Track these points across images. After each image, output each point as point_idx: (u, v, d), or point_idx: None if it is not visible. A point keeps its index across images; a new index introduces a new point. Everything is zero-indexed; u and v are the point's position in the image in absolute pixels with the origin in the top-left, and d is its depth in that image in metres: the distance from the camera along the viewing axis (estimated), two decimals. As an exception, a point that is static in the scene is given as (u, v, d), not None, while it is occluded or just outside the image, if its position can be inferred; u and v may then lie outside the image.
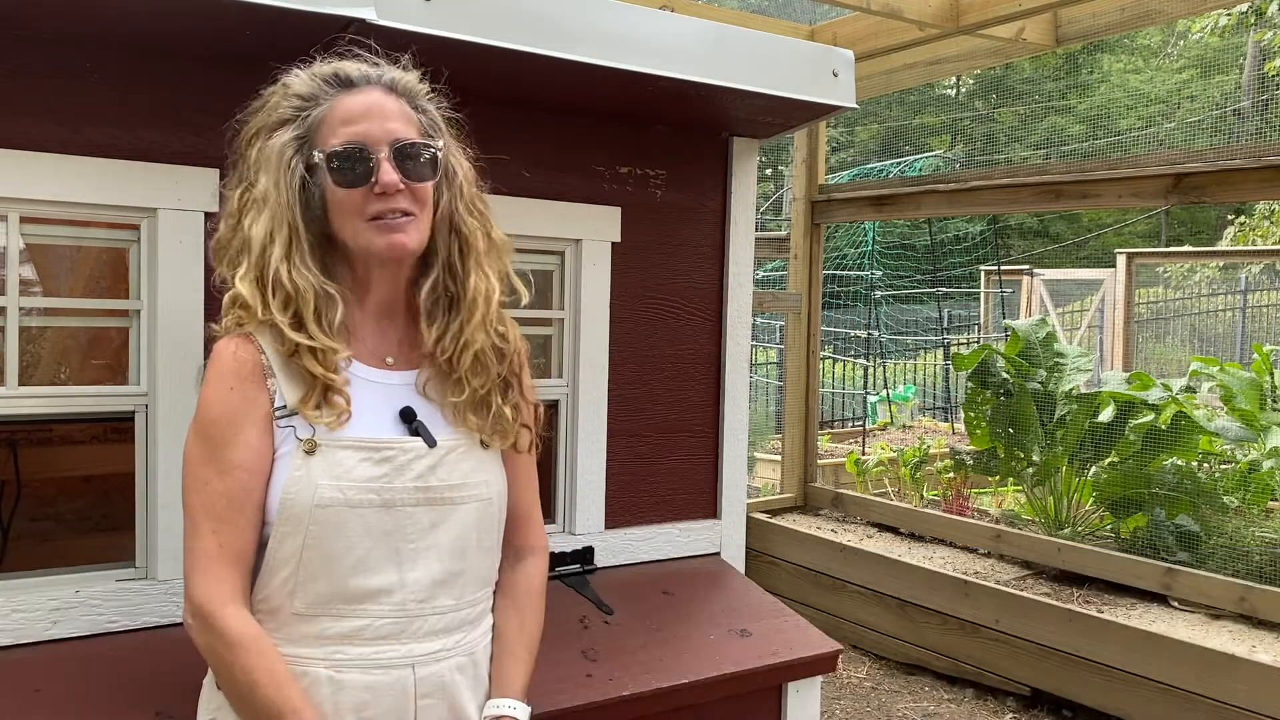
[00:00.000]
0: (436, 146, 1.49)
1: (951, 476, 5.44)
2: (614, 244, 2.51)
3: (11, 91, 1.83)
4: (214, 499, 1.40)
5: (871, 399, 9.90)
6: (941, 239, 12.16)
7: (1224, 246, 14.58)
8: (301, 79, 1.48)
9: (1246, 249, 13.16)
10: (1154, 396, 4.73)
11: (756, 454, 7.32)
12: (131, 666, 1.86)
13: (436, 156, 1.48)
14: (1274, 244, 13.69)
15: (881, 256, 10.72)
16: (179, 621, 1.89)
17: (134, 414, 1.98)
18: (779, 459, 5.87)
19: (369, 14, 1.75)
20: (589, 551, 2.53)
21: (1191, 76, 19.05)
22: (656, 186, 2.59)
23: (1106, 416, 4.85)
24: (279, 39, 1.73)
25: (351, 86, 1.47)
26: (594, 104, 2.37)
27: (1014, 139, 20.62)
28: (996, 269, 11.65)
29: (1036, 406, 4.93)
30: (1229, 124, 14.90)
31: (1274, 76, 12.83)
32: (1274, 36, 12.27)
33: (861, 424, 9.24)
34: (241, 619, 1.39)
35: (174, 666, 1.79)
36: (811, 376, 5.47)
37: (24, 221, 1.87)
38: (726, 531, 2.76)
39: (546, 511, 2.45)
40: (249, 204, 1.46)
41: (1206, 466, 5.06)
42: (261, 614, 1.44)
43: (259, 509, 1.42)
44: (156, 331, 1.96)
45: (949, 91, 24.77)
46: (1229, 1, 5.91)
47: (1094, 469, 4.90)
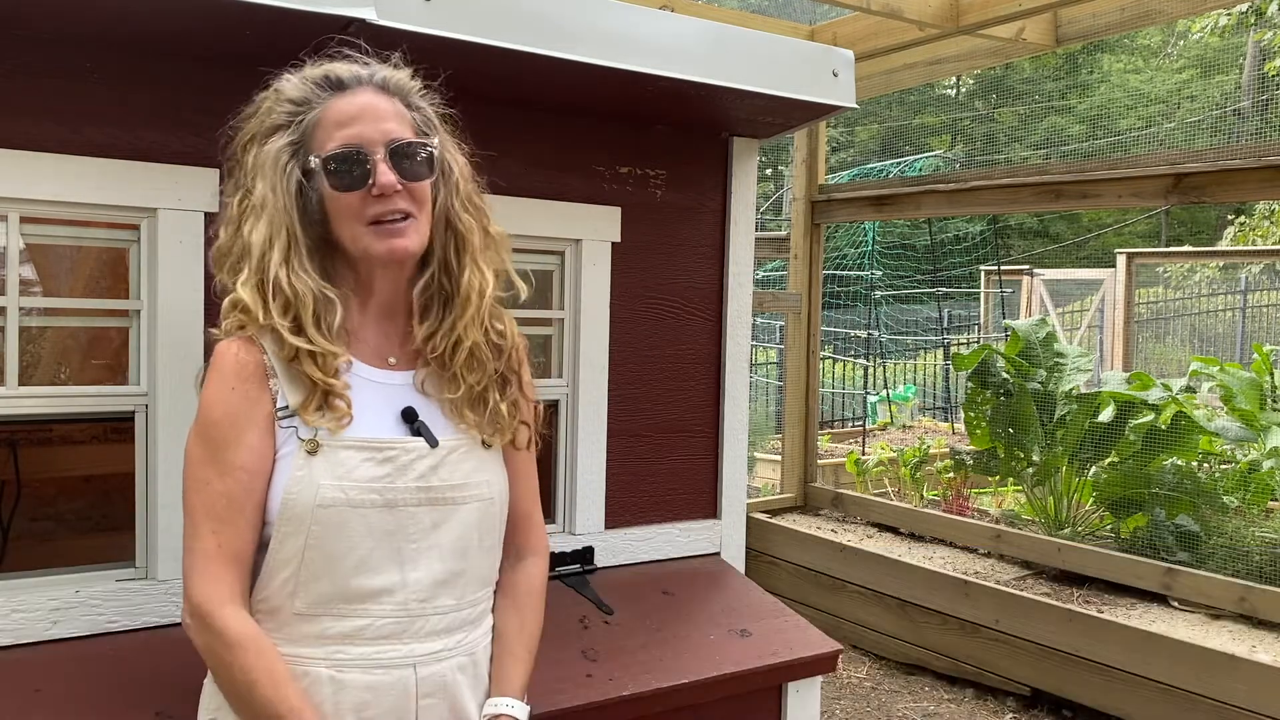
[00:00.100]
0: (432, 144, 1.49)
1: (951, 476, 5.44)
2: (614, 244, 2.52)
3: (11, 91, 1.83)
4: (214, 499, 1.40)
5: (871, 399, 9.90)
6: (941, 239, 12.16)
7: (1224, 246, 14.58)
8: (292, 83, 1.48)
9: (1246, 249, 13.16)
10: (1154, 396, 4.73)
11: (756, 454, 7.32)
12: (131, 666, 1.86)
13: (432, 154, 1.48)
14: (1274, 244, 13.69)
15: (881, 256, 10.72)
16: (179, 621, 1.88)
17: (134, 414, 1.98)
18: (779, 459, 5.87)
19: (369, 14, 1.75)
20: (589, 551, 2.53)
21: (1191, 76, 19.05)
22: (656, 186, 2.59)
23: (1106, 416, 4.85)
24: (279, 39, 1.73)
25: (343, 88, 1.46)
26: (594, 104, 2.37)
27: (1014, 139, 20.62)
28: (996, 269, 11.65)
29: (1036, 406, 4.93)
30: (1229, 124, 14.90)
31: (1274, 76, 12.83)
32: (1274, 36, 12.27)
33: (861, 424, 9.24)
34: (240, 619, 1.39)
35: (174, 666, 1.79)
36: (811, 376, 5.47)
37: (24, 221, 1.87)
38: (726, 531, 2.76)
39: (546, 511, 2.45)
40: (248, 210, 1.45)
41: (1206, 466, 5.06)
42: (262, 614, 1.44)
43: (259, 510, 1.42)
44: (156, 332, 1.96)
45: (949, 91, 24.77)
46: (1229, 1, 5.91)
47: (1094, 469, 4.89)
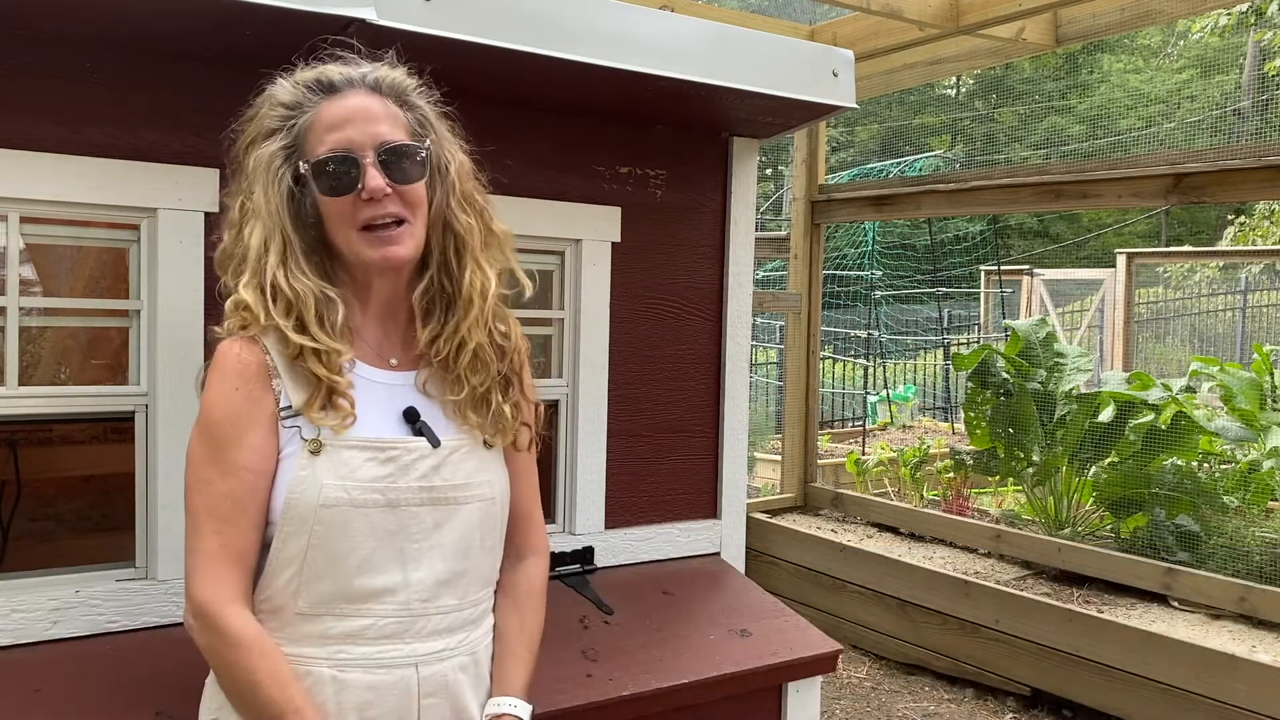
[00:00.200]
0: (424, 146, 1.47)
1: (951, 476, 5.44)
2: (614, 244, 2.51)
3: (11, 91, 1.83)
4: (217, 500, 1.40)
5: (871, 399, 9.90)
6: (941, 239, 12.16)
7: (1224, 246, 14.58)
8: (285, 87, 1.47)
9: (1246, 249, 13.16)
10: (1154, 396, 4.73)
11: (756, 454, 7.32)
12: (131, 666, 1.86)
13: (425, 156, 1.47)
14: (1274, 244, 13.69)
15: (881, 256, 10.72)
16: (179, 621, 1.89)
17: (134, 414, 1.98)
18: (779, 459, 5.87)
19: (369, 14, 1.75)
20: (589, 551, 2.53)
21: (1191, 76, 19.05)
22: (656, 186, 2.59)
23: (1106, 416, 4.85)
24: (279, 39, 1.72)
25: (334, 91, 1.46)
26: (594, 104, 2.37)
27: (1014, 139, 20.62)
28: (996, 269, 11.65)
29: (1036, 406, 4.93)
30: (1229, 124, 14.89)
31: (1274, 76, 12.83)
32: (1274, 36, 12.27)
33: (861, 424, 9.24)
34: (244, 618, 1.39)
35: (174, 666, 1.79)
36: (811, 376, 5.47)
37: (24, 221, 1.87)
38: (726, 531, 2.76)
39: (546, 511, 2.45)
40: (248, 214, 1.46)
41: (1206, 466, 5.06)
42: (264, 614, 1.44)
43: (262, 510, 1.42)
44: (156, 331, 1.96)
45: (949, 91, 24.77)
46: (1229, 1, 5.90)
47: (1094, 469, 4.89)
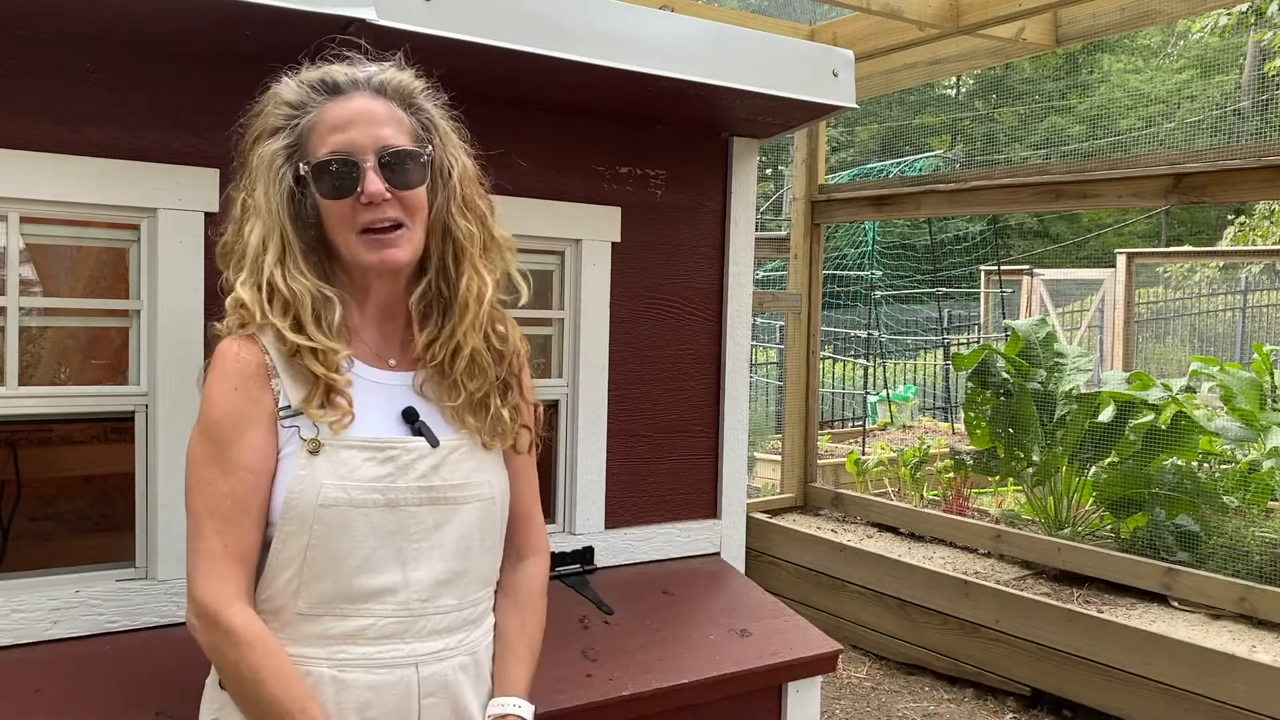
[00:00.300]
0: (425, 150, 1.47)
1: (951, 476, 5.44)
2: (614, 244, 2.51)
3: (11, 91, 1.83)
4: (218, 500, 1.40)
5: (871, 399, 9.90)
6: (941, 239, 12.16)
7: (1224, 246, 14.58)
8: (290, 86, 1.47)
9: (1246, 249, 13.16)
10: (1154, 396, 4.73)
11: (756, 454, 7.32)
12: (131, 666, 1.86)
13: (426, 161, 1.47)
14: (1274, 244, 13.69)
15: (881, 256, 10.72)
16: (179, 621, 1.89)
17: (134, 414, 1.98)
18: (779, 459, 5.87)
19: (369, 14, 1.75)
20: (589, 551, 2.53)
21: (1191, 76, 19.05)
22: (656, 186, 2.59)
23: (1106, 416, 4.85)
24: (279, 39, 1.73)
25: (338, 93, 1.46)
26: (594, 104, 2.37)
27: (1014, 139, 20.62)
28: (996, 269, 11.65)
29: (1036, 406, 4.93)
30: (1229, 124, 14.89)
31: (1274, 76, 12.83)
32: (1274, 36, 12.27)
33: (861, 424, 9.24)
34: (247, 617, 1.39)
35: (174, 666, 1.79)
36: (811, 376, 5.47)
37: (24, 221, 1.87)
38: (726, 531, 2.76)
39: (546, 511, 2.45)
40: (249, 211, 1.46)
41: (1206, 466, 5.06)
42: (265, 614, 1.44)
43: (263, 510, 1.42)
44: (156, 331, 1.96)
45: (949, 91, 24.77)
46: (1229, 1, 5.90)
47: (1094, 469, 4.89)
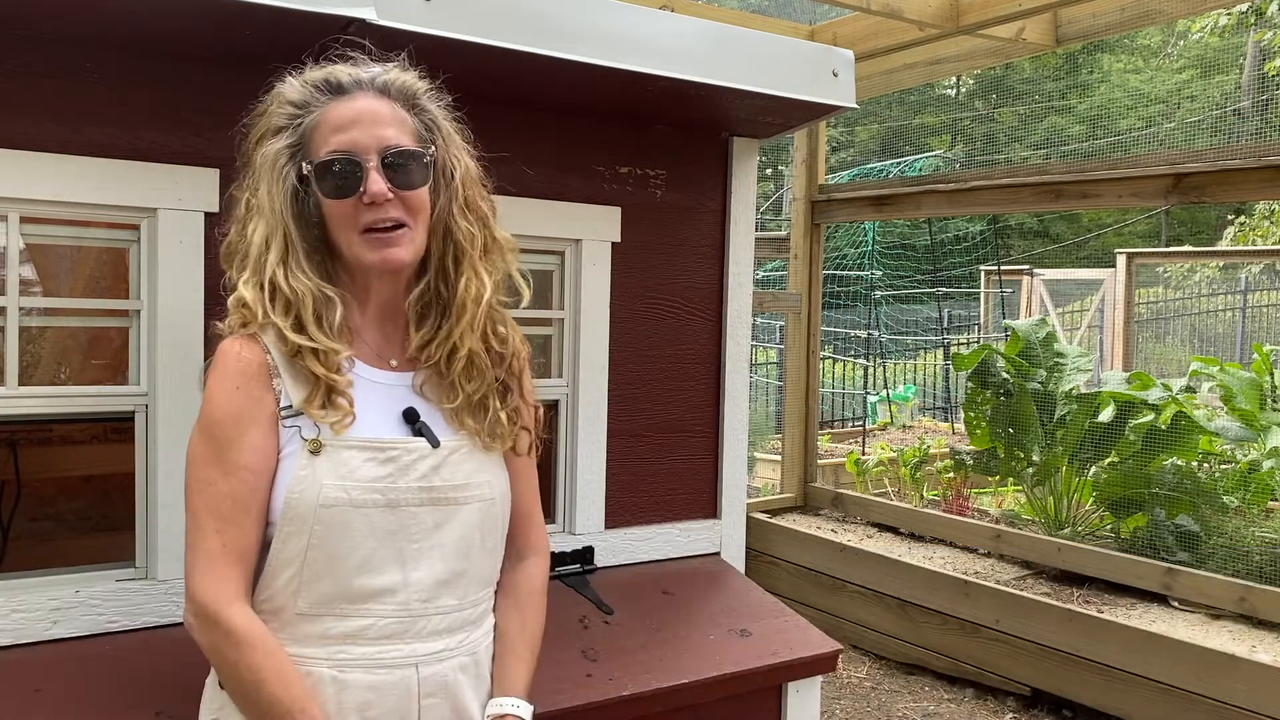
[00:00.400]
0: (428, 152, 1.47)
1: (951, 476, 5.44)
2: (614, 244, 2.51)
3: (11, 91, 1.83)
4: (219, 499, 1.40)
5: (871, 399, 9.90)
6: (941, 239, 12.16)
7: (1224, 246, 14.58)
8: (294, 86, 1.48)
9: (1246, 249, 13.16)
10: (1154, 396, 4.73)
11: (756, 454, 7.32)
12: (131, 666, 1.86)
13: (429, 161, 1.47)
14: (1274, 244, 13.69)
15: (881, 256, 10.72)
16: (179, 621, 1.89)
17: (134, 414, 1.98)
18: (779, 459, 5.87)
19: (369, 14, 1.75)
20: (589, 551, 2.53)
21: (1191, 76, 19.05)
22: (656, 186, 2.59)
23: (1106, 416, 4.85)
24: (279, 39, 1.73)
25: (342, 92, 1.46)
26: (594, 104, 2.37)
27: (1014, 139, 20.61)
28: (996, 269, 11.65)
29: (1036, 406, 4.93)
30: (1229, 124, 14.89)
31: (1274, 76, 12.83)
32: (1274, 36, 12.27)
33: (861, 424, 9.24)
34: (247, 617, 1.39)
35: (174, 666, 1.79)
36: (811, 376, 5.47)
37: (24, 221, 1.87)
38: (726, 531, 2.76)
39: (546, 511, 2.45)
40: (252, 210, 1.46)
41: (1206, 466, 5.06)
42: (265, 614, 1.44)
43: (263, 510, 1.42)
44: (156, 331, 1.96)
45: (949, 91, 24.77)
46: (1229, 1, 5.90)
47: (1094, 469, 4.89)
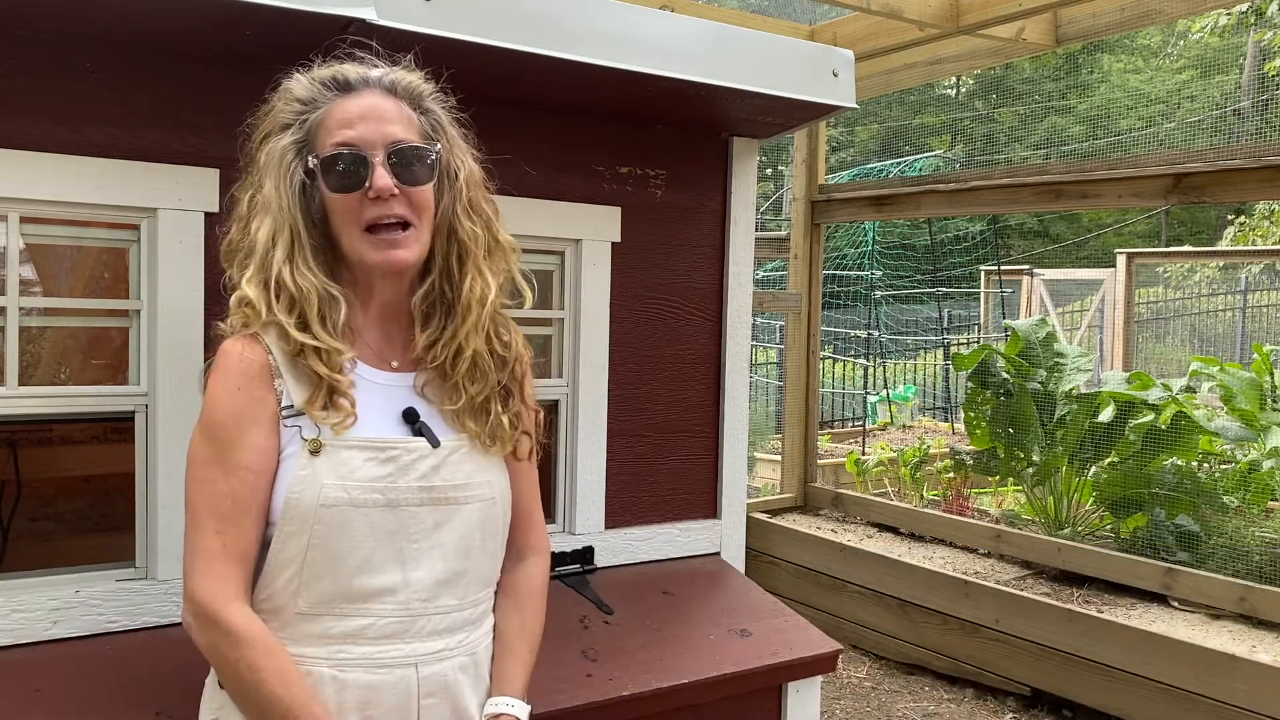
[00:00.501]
0: (435, 150, 1.48)
1: (951, 476, 5.44)
2: (614, 244, 2.51)
3: (11, 91, 1.83)
4: (219, 499, 1.40)
5: (871, 399, 9.90)
6: (941, 239, 12.17)
7: (1224, 246, 14.58)
8: (301, 83, 1.48)
9: (1246, 249, 13.17)
10: (1154, 396, 4.73)
11: (756, 454, 7.32)
12: (131, 666, 1.86)
13: (435, 160, 1.48)
14: (1274, 244, 13.69)
15: (881, 256, 10.72)
16: (179, 621, 1.88)
17: (134, 414, 1.98)
18: (779, 459, 5.87)
19: (369, 14, 1.75)
20: (589, 551, 2.53)
21: (1191, 76, 19.05)
22: (656, 186, 2.59)
23: (1106, 416, 4.85)
24: (279, 39, 1.73)
25: (349, 90, 1.47)
26: (594, 104, 2.37)
27: (1014, 139, 20.62)
28: (996, 269, 11.65)
29: (1036, 406, 4.93)
30: (1229, 124, 14.88)
31: (1274, 76, 12.83)
32: (1274, 36, 12.27)
33: (861, 424, 9.24)
34: (246, 616, 1.39)
35: (174, 666, 1.79)
36: (811, 376, 5.47)
37: (24, 221, 1.87)
38: (726, 531, 2.76)
39: (546, 511, 2.44)
40: (256, 208, 1.46)
41: (1206, 466, 5.06)
42: (264, 613, 1.43)
43: (264, 510, 1.42)
44: (156, 331, 1.96)
45: (949, 91, 24.77)
46: (1229, 1, 5.90)
47: (1094, 469, 4.89)
